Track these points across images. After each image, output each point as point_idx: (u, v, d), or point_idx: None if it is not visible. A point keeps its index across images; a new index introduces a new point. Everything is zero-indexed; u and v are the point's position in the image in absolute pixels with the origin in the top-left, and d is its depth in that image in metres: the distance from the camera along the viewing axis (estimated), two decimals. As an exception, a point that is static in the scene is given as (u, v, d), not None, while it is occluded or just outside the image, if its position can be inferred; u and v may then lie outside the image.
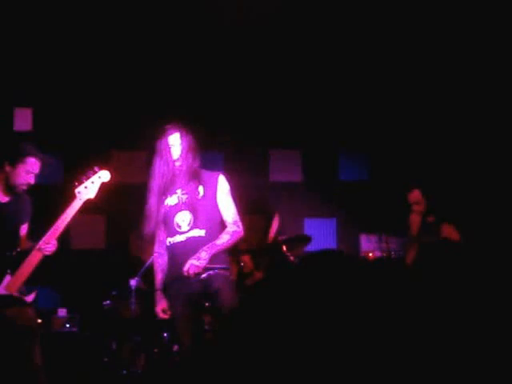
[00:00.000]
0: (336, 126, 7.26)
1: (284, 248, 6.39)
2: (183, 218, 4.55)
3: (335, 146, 7.38)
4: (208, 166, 4.80)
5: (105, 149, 7.31)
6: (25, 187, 4.75)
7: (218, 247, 4.48)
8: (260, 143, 7.26)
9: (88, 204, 6.72)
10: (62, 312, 6.44)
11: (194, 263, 4.36)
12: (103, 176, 4.87)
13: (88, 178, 4.83)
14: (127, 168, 7.06)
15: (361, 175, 7.38)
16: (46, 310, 6.27)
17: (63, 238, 7.05)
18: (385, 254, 6.38)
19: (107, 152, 7.33)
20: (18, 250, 4.77)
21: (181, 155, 4.60)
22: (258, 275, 6.54)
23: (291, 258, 6.37)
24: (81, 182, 4.81)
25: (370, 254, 6.51)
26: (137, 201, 7.03)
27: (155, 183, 4.68)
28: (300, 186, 7.36)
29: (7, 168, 4.66)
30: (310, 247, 7.18)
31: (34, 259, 4.65)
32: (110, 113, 7.12)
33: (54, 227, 4.76)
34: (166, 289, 4.56)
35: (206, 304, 4.62)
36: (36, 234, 5.12)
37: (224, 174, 4.73)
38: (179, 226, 4.54)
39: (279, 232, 6.63)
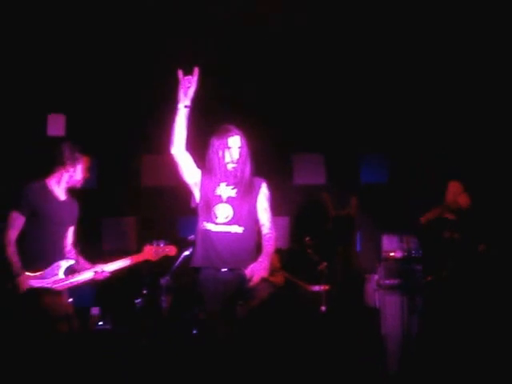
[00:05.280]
0: (357, 130, 7.39)
1: (309, 250, 6.57)
2: (223, 211, 4.68)
3: (356, 150, 7.52)
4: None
5: (136, 153, 7.55)
6: (82, 182, 5.15)
7: (271, 254, 4.67)
8: (285, 147, 7.43)
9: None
10: (96, 310, 6.63)
11: (261, 273, 4.51)
12: (170, 251, 5.24)
13: (159, 244, 5.21)
14: (158, 171, 7.26)
15: (381, 177, 7.53)
16: (79, 309, 6.46)
17: (95, 239, 7.37)
18: (405, 254, 6.50)
19: (139, 156, 7.57)
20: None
21: (239, 159, 4.72)
22: (276, 278, 6.66)
23: (316, 259, 6.56)
24: (153, 245, 5.21)
25: (392, 254, 6.62)
26: (166, 203, 7.31)
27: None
28: (323, 188, 7.49)
29: (69, 169, 5.04)
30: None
31: (86, 278, 5.04)
32: (140, 118, 7.32)
33: (112, 264, 5.11)
34: (201, 286, 4.66)
35: (240, 303, 4.71)
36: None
37: (266, 182, 4.89)
38: (216, 217, 4.66)
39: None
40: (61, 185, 5.07)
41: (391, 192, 7.36)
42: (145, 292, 6.36)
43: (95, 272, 5.06)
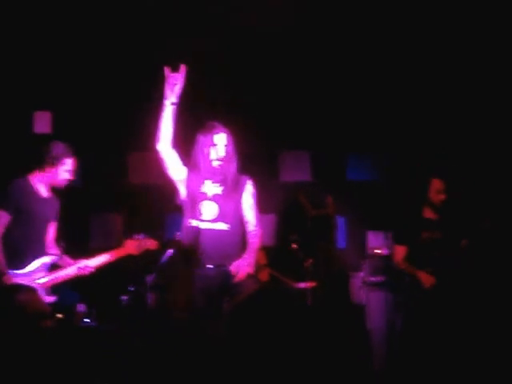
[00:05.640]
0: (343, 127, 7.41)
1: (294, 247, 6.61)
2: (208, 208, 4.71)
3: (343, 148, 7.55)
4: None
5: (123, 150, 7.57)
6: (65, 183, 5.17)
7: (256, 251, 4.74)
8: (270, 145, 7.46)
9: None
10: (81, 307, 6.63)
11: (246, 269, 4.60)
12: (151, 245, 5.37)
13: (139, 238, 5.32)
14: (145, 169, 7.27)
15: (367, 175, 7.56)
16: (66, 306, 6.47)
17: (82, 236, 7.38)
18: (391, 251, 6.55)
19: (125, 153, 7.60)
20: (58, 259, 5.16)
21: (225, 157, 4.74)
22: (261, 275, 6.69)
23: (301, 256, 6.61)
24: (134, 239, 5.32)
25: (377, 251, 6.69)
26: (153, 200, 7.33)
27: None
28: (302, 188, 7.45)
29: (49, 169, 5.06)
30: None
31: (71, 274, 5.16)
32: (127, 115, 7.32)
33: (95, 259, 5.22)
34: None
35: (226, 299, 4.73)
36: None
37: (252, 180, 4.92)
38: (201, 214, 4.69)
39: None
40: (43, 182, 5.10)
41: (377, 190, 7.40)
42: (131, 289, 6.38)
43: (78, 268, 5.12)
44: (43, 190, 5.11)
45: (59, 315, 5.93)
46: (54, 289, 5.14)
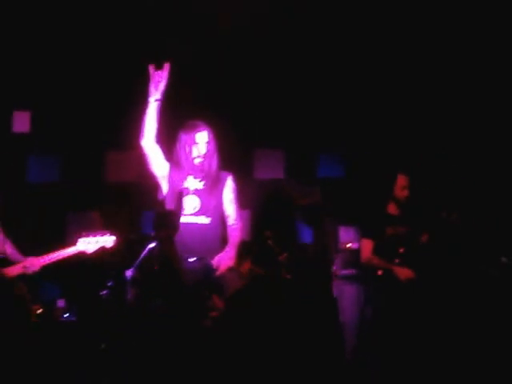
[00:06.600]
0: (316, 127, 7.55)
1: (270, 241, 6.75)
2: (190, 202, 4.83)
3: (314, 146, 7.69)
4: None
5: (101, 149, 7.66)
6: None
7: (237, 244, 4.89)
8: (246, 143, 7.58)
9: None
10: (61, 302, 6.73)
11: (228, 262, 4.73)
12: (108, 241, 5.32)
13: (95, 235, 5.27)
14: (121, 167, 7.39)
15: (337, 172, 7.72)
16: (46, 301, 6.56)
17: (60, 234, 7.46)
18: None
19: (102, 152, 7.69)
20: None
21: (206, 154, 4.87)
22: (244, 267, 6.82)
23: (276, 250, 6.75)
24: (87, 235, 5.26)
25: (348, 245, 6.83)
26: (131, 198, 7.44)
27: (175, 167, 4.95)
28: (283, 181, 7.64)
29: None
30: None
31: (15, 270, 5.20)
32: (104, 115, 7.43)
33: (44, 257, 5.25)
34: None
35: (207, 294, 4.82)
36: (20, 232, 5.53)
37: (232, 176, 5.06)
38: (183, 208, 4.78)
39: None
40: None
41: (347, 187, 7.56)
42: (110, 284, 6.47)
43: (24, 266, 5.21)
44: None
45: (39, 310, 6.05)
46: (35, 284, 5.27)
